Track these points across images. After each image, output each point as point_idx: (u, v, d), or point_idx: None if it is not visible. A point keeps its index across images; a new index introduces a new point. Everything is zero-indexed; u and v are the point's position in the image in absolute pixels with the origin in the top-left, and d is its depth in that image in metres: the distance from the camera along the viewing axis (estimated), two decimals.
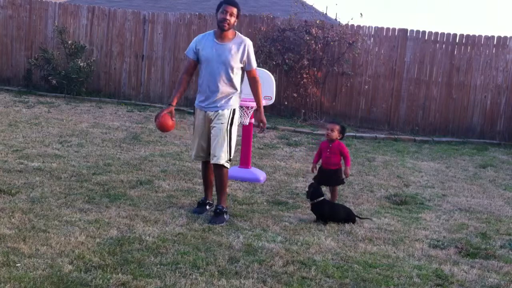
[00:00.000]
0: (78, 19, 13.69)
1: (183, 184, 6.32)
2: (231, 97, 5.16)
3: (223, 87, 5.09)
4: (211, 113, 5.16)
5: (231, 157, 5.20)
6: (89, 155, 7.42)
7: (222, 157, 5.08)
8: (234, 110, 5.20)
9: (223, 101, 5.13)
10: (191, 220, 5.05)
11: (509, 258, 4.73)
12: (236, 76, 5.14)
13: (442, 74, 12.24)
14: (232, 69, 5.08)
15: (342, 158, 5.96)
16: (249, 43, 5.19)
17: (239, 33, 5.20)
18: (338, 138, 5.97)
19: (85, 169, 6.63)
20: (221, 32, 5.10)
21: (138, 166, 7.03)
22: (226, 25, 5.01)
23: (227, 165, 5.16)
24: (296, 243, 4.69)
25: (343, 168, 5.97)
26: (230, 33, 5.12)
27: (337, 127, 5.95)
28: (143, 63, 13.55)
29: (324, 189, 5.83)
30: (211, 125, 5.17)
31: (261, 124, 5.30)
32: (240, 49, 5.10)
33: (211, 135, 5.16)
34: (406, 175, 7.91)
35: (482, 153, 10.26)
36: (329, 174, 5.94)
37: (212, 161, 5.14)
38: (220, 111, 5.13)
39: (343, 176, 5.94)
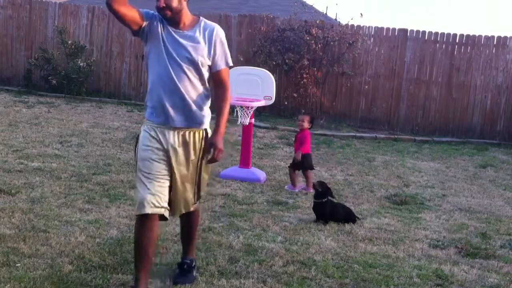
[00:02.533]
0: (78, 19, 13.69)
1: None
2: (200, 110, 3.54)
3: (188, 95, 3.47)
4: (170, 133, 3.48)
5: (202, 195, 3.73)
6: (89, 155, 7.42)
7: (190, 204, 3.60)
8: (205, 131, 3.59)
9: (189, 116, 3.50)
10: None
11: (509, 258, 4.73)
12: (204, 78, 3.57)
13: (442, 74, 12.23)
14: (198, 67, 3.49)
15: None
16: (220, 31, 3.58)
17: (203, 18, 3.62)
18: (308, 127, 6.74)
19: (85, 169, 6.63)
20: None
21: None
22: (168, 12, 3.41)
23: (196, 206, 3.71)
24: (296, 243, 4.69)
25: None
26: (186, 17, 3.52)
27: (307, 117, 6.76)
28: (143, 63, 13.55)
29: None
30: (171, 155, 3.45)
31: (213, 151, 3.50)
32: (207, 39, 3.52)
33: (174, 175, 3.46)
34: (406, 175, 7.91)
35: (482, 153, 10.26)
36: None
37: (176, 214, 3.64)
38: (185, 132, 3.50)
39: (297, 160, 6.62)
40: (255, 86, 6.91)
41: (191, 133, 3.52)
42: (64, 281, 3.57)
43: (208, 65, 3.55)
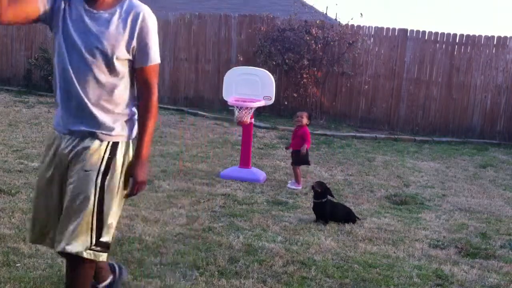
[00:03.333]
0: None
1: (183, 184, 6.32)
2: (113, 117, 2.68)
3: (91, 100, 2.62)
4: (67, 143, 2.69)
5: (108, 240, 2.72)
6: None
7: (78, 241, 2.62)
8: (116, 145, 2.70)
9: (93, 121, 2.65)
10: (191, 220, 5.06)
11: (509, 258, 4.73)
12: (121, 77, 2.67)
13: (442, 74, 12.23)
14: (111, 62, 2.61)
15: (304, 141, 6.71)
16: (148, 16, 2.65)
17: None
18: (307, 123, 6.82)
19: None
20: None
21: None
22: None
23: (94, 256, 2.69)
24: (296, 243, 4.69)
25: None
26: None
27: (306, 114, 6.89)
28: None
29: None
30: (69, 170, 2.68)
31: (132, 183, 2.74)
32: (129, 24, 2.61)
33: (67, 190, 2.67)
34: (406, 175, 7.91)
35: (482, 153, 10.26)
36: (294, 154, 6.82)
37: (57, 248, 2.67)
38: (85, 141, 2.66)
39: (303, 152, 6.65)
40: (254, 86, 6.91)
41: (92, 143, 2.66)
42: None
43: (129, 60, 2.66)
